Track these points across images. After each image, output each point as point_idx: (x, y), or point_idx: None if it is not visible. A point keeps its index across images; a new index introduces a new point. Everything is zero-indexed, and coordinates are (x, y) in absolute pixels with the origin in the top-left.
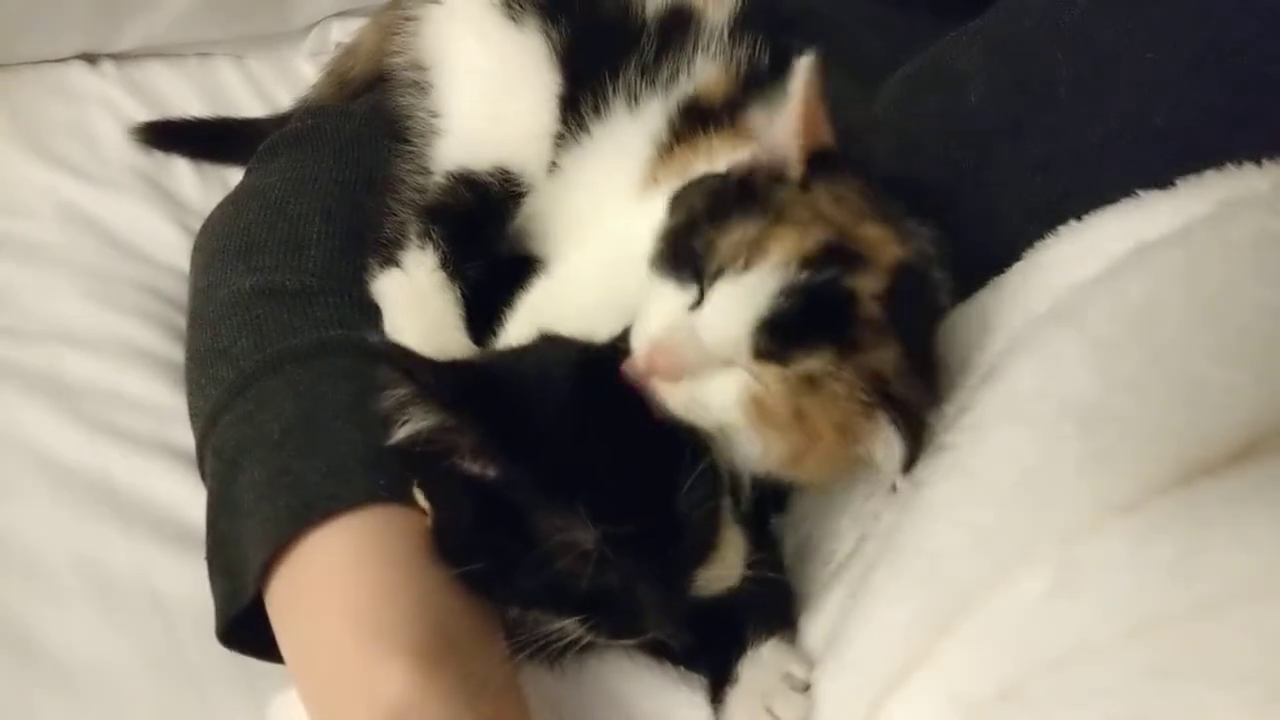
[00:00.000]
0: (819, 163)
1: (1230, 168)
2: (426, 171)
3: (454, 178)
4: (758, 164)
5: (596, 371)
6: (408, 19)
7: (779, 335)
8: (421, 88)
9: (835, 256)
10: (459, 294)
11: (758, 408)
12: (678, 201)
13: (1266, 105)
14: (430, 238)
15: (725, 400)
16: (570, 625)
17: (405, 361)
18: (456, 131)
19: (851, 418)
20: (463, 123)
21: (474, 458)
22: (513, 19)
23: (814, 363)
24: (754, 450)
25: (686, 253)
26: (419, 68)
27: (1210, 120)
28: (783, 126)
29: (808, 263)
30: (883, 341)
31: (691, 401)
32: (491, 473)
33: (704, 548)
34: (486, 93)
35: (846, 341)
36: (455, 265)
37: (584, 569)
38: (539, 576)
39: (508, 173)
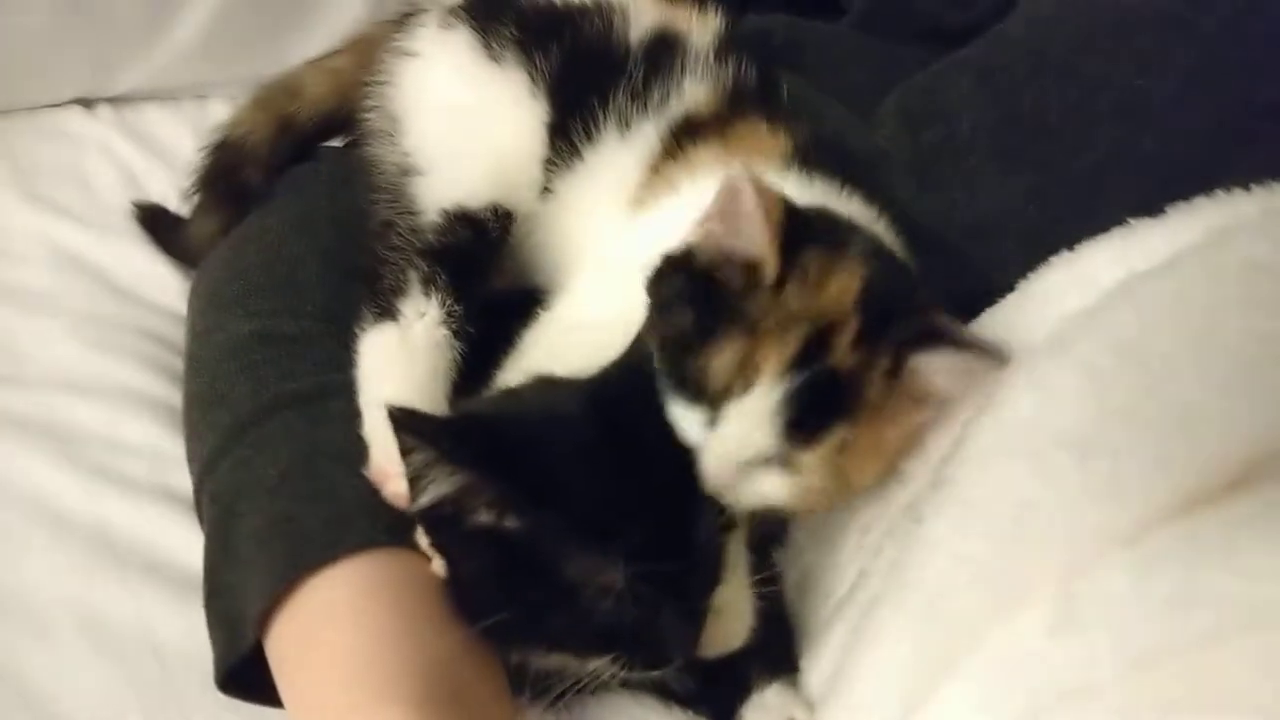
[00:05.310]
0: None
1: (1220, 194)
2: (416, 213)
3: (450, 216)
4: (719, 258)
5: (606, 410)
6: (378, 83)
7: (796, 431)
8: (401, 137)
9: (814, 344)
10: (457, 356)
11: (805, 489)
12: (657, 299)
13: (1254, 130)
14: (435, 285)
15: (777, 495)
16: (600, 665)
17: (422, 426)
18: (449, 170)
19: (899, 422)
20: (453, 162)
21: (493, 511)
22: (493, 59)
23: (838, 431)
24: (821, 506)
25: (686, 373)
26: (397, 119)
27: (1199, 146)
28: (749, 236)
29: (795, 365)
30: (880, 354)
31: (748, 498)
32: (512, 524)
33: (717, 572)
34: (474, 130)
35: (854, 400)
36: (460, 322)
37: (616, 606)
38: (571, 619)
39: (502, 206)
